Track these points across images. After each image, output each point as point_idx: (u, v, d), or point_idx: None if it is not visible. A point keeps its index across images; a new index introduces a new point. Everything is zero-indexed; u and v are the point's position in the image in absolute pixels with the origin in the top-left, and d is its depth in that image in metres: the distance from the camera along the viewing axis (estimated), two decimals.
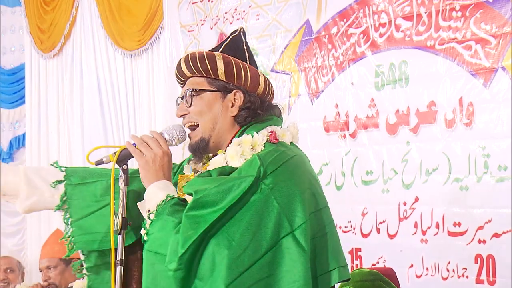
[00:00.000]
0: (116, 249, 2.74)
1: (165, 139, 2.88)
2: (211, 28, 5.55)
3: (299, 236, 2.56)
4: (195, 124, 2.82)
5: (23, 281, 6.65)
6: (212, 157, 2.85)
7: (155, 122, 6.06)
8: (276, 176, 2.63)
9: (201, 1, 5.60)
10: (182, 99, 2.90)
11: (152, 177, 2.78)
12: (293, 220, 2.58)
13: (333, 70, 4.82)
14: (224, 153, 2.79)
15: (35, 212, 2.99)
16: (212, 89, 2.81)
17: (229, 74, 2.80)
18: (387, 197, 4.62)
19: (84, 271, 3.04)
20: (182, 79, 2.92)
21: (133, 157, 2.87)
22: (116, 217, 2.78)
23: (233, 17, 5.41)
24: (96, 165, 2.88)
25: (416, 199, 4.48)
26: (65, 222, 2.96)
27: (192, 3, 5.66)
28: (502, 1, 4.10)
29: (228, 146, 2.80)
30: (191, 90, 2.82)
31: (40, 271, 6.07)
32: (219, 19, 5.50)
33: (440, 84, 4.39)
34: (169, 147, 2.86)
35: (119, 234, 2.77)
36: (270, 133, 2.77)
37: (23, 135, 7.37)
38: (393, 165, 4.56)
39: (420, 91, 4.49)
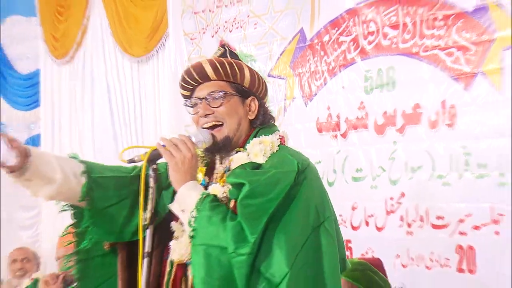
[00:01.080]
0: (143, 242, 2.77)
1: (192, 142, 2.88)
2: (212, 36, 5.56)
3: (328, 226, 2.72)
4: (220, 123, 2.86)
5: (38, 270, 6.66)
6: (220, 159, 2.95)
7: (160, 124, 6.08)
8: (309, 173, 2.76)
9: (203, 11, 5.60)
10: (204, 99, 2.89)
11: (181, 179, 2.80)
12: (324, 213, 2.73)
13: (325, 75, 4.84)
14: (244, 151, 2.85)
15: (53, 201, 3.00)
16: (235, 94, 2.88)
17: (252, 83, 2.90)
18: (375, 192, 4.64)
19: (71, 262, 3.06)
20: (200, 81, 2.91)
21: (162, 157, 2.89)
22: (144, 212, 2.81)
23: (232, 26, 5.42)
24: (128, 163, 2.92)
25: (402, 195, 4.49)
26: (83, 214, 2.96)
27: (195, 13, 5.66)
28: (481, 11, 4.11)
29: (243, 144, 2.88)
30: (222, 92, 2.85)
31: (56, 260, 6.04)
32: (219, 28, 5.50)
33: (424, 88, 4.42)
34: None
35: (147, 228, 2.81)
36: (281, 137, 2.89)
37: (38, 136, 7.36)
38: (381, 163, 4.58)
39: (406, 94, 4.50)
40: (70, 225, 3.02)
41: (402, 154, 4.52)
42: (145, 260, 2.80)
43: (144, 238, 2.80)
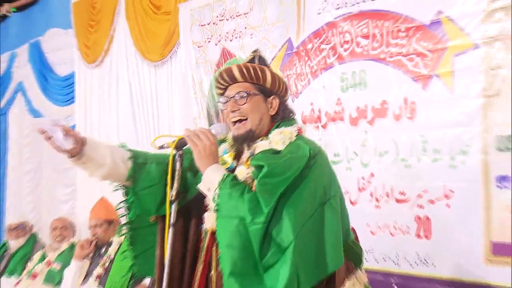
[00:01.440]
0: (170, 214, 2.90)
1: (212, 133, 2.98)
2: (216, 44, 5.57)
3: (333, 202, 2.78)
4: (244, 118, 2.95)
5: (74, 236, 6.71)
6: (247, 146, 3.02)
7: (173, 118, 6.09)
8: (319, 158, 2.82)
9: (208, 24, 5.62)
10: (232, 98, 2.97)
11: (205, 163, 2.89)
12: (330, 192, 2.78)
13: (309, 76, 4.86)
14: (267, 139, 2.93)
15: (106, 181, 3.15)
16: (258, 93, 2.96)
17: (273, 84, 2.98)
18: (349, 173, 4.66)
19: (125, 230, 3.20)
20: (230, 82, 3.00)
21: (186, 145, 3.00)
22: (171, 190, 2.93)
23: (232, 36, 5.44)
24: (159, 149, 3.01)
25: (372, 175, 4.53)
26: (129, 192, 3.09)
27: (201, 26, 5.68)
28: (436, 24, 4.15)
29: (265, 135, 2.96)
30: (246, 92, 2.94)
31: (89, 229, 6.10)
32: (221, 38, 5.51)
33: (390, 88, 4.43)
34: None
35: (173, 203, 2.92)
36: (299, 128, 2.97)
37: (73, 126, 7.36)
38: (355, 149, 4.61)
39: (375, 92, 4.53)
40: (121, 202, 3.14)
41: (372, 141, 4.55)
42: (171, 229, 2.91)
43: (170, 211, 2.91)
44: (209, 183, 2.85)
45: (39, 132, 2.93)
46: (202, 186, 2.91)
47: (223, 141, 3.14)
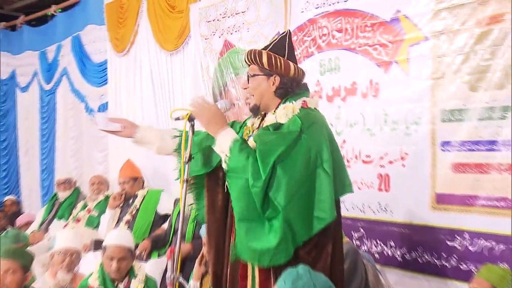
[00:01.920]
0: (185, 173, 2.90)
1: (209, 102, 3.01)
2: (219, 37, 5.56)
3: (326, 166, 2.70)
4: (251, 95, 2.93)
5: (108, 190, 6.76)
6: (265, 115, 2.98)
7: (185, 97, 6.03)
8: (311, 131, 2.75)
9: (213, 20, 5.60)
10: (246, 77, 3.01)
11: (214, 130, 2.86)
12: (323, 157, 2.71)
13: None
14: (273, 114, 2.88)
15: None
16: (260, 74, 2.89)
17: (270, 64, 2.85)
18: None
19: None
20: (247, 64, 2.98)
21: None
22: (185, 153, 2.92)
23: (232, 30, 5.43)
24: (175, 120, 3.00)
25: (344, 141, 4.50)
26: (180, 160, 3.06)
27: (208, 22, 5.65)
28: (395, 21, 4.14)
29: (275, 109, 2.89)
30: (249, 74, 2.94)
31: (119, 184, 6.19)
32: (224, 31, 5.50)
33: (358, 71, 4.42)
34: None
35: (186, 163, 2.91)
36: (303, 102, 2.87)
37: (107, 103, 7.39)
38: (331, 120, 4.36)
39: (346, 75, 4.51)
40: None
41: (344, 115, 4.53)
42: (185, 184, 2.89)
43: (184, 170, 2.91)
44: (221, 147, 2.82)
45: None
46: (217, 149, 2.88)
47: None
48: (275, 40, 2.98)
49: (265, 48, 2.94)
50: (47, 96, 8.73)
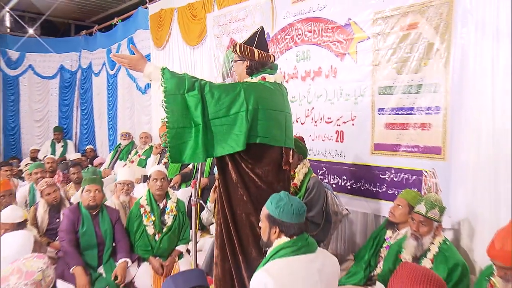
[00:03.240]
0: None
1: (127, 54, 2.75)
2: (227, 36, 5.49)
3: (248, 114, 2.42)
4: (236, 75, 2.82)
5: (151, 142, 6.81)
6: None
7: (203, 76, 5.91)
8: (247, 86, 2.48)
9: (222, 25, 5.52)
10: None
11: (141, 67, 2.51)
12: (249, 105, 2.43)
13: (278, 53, 4.79)
14: None
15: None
16: (238, 59, 2.76)
17: (241, 52, 2.70)
18: (300, 107, 4.61)
19: None
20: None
21: None
22: None
23: (236, 31, 5.37)
24: None
25: (313, 108, 4.49)
26: None
27: (219, 25, 5.58)
28: (348, 25, 4.12)
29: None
30: (232, 60, 2.82)
31: (159, 138, 6.10)
32: (230, 33, 5.43)
33: (322, 60, 4.38)
34: None
35: None
36: (262, 77, 2.67)
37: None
38: (303, 94, 4.57)
39: (315, 62, 4.47)
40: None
41: (312, 90, 4.50)
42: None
43: None
44: (150, 75, 2.49)
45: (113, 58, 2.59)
46: (147, 80, 2.52)
47: None
48: (251, 35, 2.80)
49: (243, 42, 2.79)
50: (111, 78, 8.68)
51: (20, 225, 3.32)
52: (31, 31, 9.24)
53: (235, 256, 2.59)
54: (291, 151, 2.73)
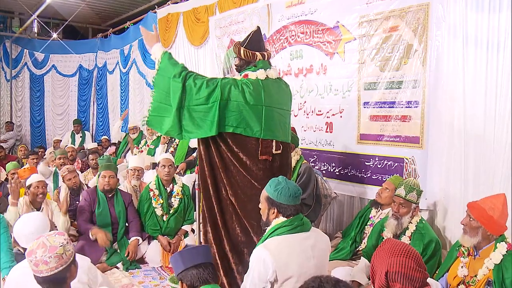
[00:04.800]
0: None
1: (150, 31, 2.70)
2: (227, 37, 5.45)
3: (221, 105, 2.43)
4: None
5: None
6: None
7: (206, 73, 5.81)
8: (225, 81, 2.48)
9: (223, 27, 5.48)
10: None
11: (150, 43, 2.62)
12: (222, 97, 2.43)
13: (273, 53, 4.76)
14: None
15: None
16: (235, 56, 2.71)
17: (235, 51, 2.69)
18: (294, 101, 4.32)
19: None
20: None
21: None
22: None
23: (235, 33, 5.33)
24: None
25: (305, 102, 4.47)
26: None
27: (220, 27, 5.54)
28: (336, 27, 4.10)
29: None
30: (232, 57, 2.76)
31: None
32: (230, 34, 5.40)
33: (314, 58, 4.35)
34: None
35: None
36: (245, 75, 2.60)
37: None
38: (297, 88, 4.53)
39: (307, 60, 4.44)
40: None
41: (305, 85, 4.47)
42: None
43: None
44: (155, 54, 2.59)
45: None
46: (152, 56, 2.63)
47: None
48: (253, 31, 2.77)
49: (238, 41, 2.76)
50: (124, 76, 8.67)
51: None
52: (55, 35, 9.42)
53: (216, 229, 2.60)
54: (273, 142, 2.61)
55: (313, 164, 4.43)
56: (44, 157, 6.43)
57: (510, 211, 2.38)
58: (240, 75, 2.66)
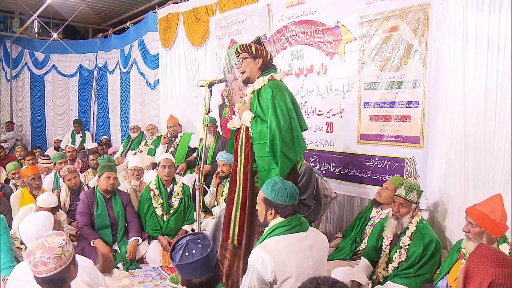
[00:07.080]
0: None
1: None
2: (227, 37, 5.45)
3: (293, 115, 2.78)
4: (244, 71, 2.89)
5: (158, 133, 6.82)
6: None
7: (206, 75, 5.95)
8: (276, 92, 2.72)
9: (224, 27, 5.48)
10: (239, 61, 2.92)
11: (242, 111, 2.85)
12: (289, 107, 2.74)
13: (274, 53, 4.75)
14: (252, 85, 2.86)
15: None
16: (249, 57, 2.86)
17: (256, 51, 2.84)
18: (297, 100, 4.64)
19: None
20: (239, 52, 2.91)
21: (216, 83, 3.01)
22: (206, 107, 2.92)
23: (236, 33, 5.33)
24: (199, 86, 2.98)
25: (306, 102, 4.46)
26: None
27: (220, 27, 5.54)
28: (336, 27, 4.10)
29: (255, 81, 2.86)
30: (243, 57, 2.89)
31: (167, 128, 6.17)
32: (230, 34, 5.39)
33: (314, 58, 4.35)
34: None
35: (207, 114, 2.95)
36: (271, 76, 2.82)
37: (158, 79, 7.32)
38: (297, 89, 4.53)
39: (307, 60, 4.44)
40: None
41: (305, 85, 4.48)
42: (206, 128, 2.95)
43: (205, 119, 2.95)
44: (245, 120, 2.79)
45: None
46: (242, 122, 2.84)
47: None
48: (254, 40, 2.94)
49: (253, 43, 2.91)
50: (124, 76, 8.68)
51: (54, 210, 3.34)
52: (55, 35, 9.46)
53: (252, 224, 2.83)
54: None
55: (313, 164, 4.43)
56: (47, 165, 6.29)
57: (510, 211, 2.39)
58: (263, 75, 2.85)
